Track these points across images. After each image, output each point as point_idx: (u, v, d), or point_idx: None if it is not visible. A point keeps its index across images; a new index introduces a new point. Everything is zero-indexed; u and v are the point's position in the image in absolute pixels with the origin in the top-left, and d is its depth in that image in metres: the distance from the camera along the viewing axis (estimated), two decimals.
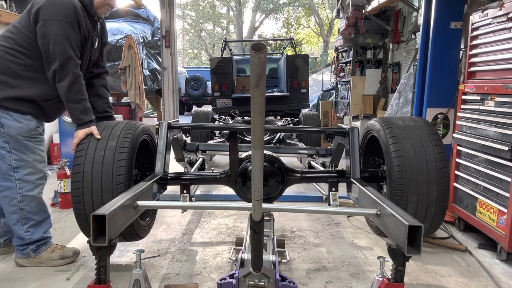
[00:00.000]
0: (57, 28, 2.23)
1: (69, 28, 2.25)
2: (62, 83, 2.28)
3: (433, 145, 2.31)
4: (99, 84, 2.70)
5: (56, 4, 2.25)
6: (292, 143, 4.99)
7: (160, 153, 2.58)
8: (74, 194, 2.17)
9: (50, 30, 2.23)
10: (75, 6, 2.27)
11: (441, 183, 2.24)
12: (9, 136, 2.37)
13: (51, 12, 2.23)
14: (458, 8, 3.90)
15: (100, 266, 1.58)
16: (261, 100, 1.10)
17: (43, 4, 2.24)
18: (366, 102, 8.17)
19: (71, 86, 2.29)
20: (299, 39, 30.35)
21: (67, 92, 2.30)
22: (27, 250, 2.53)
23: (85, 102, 2.37)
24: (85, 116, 2.35)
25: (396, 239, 1.60)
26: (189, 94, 15.90)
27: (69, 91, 2.30)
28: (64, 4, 2.25)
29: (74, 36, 2.29)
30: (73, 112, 2.37)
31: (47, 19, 2.23)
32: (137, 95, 6.53)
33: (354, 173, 2.48)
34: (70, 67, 2.27)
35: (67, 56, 2.27)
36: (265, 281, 1.85)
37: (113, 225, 1.61)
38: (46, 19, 2.23)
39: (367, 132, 2.74)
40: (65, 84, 2.28)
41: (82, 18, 2.32)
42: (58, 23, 2.23)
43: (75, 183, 2.17)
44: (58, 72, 2.28)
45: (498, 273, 2.56)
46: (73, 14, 2.26)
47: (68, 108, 2.38)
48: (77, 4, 2.30)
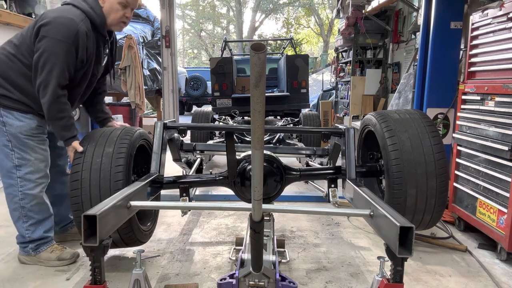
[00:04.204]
0: (53, 47, 2.27)
1: (65, 50, 2.28)
2: (43, 99, 2.33)
3: (429, 136, 2.30)
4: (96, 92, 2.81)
5: (60, 24, 2.28)
6: (292, 143, 4.99)
7: (155, 153, 2.57)
8: (74, 202, 2.18)
9: (46, 46, 2.27)
10: (79, 30, 2.30)
11: (439, 175, 2.24)
12: (11, 135, 2.42)
13: (54, 30, 2.27)
14: (458, 8, 3.90)
15: (94, 267, 1.57)
16: (261, 100, 1.10)
17: (49, 20, 2.28)
18: (366, 102, 8.15)
19: (51, 105, 2.32)
20: (299, 39, 30.33)
21: (48, 109, 2.34)
22: (27, 248, 2.56)
23: (65, 120, 2.39)
24: (66, 132, 2.40)
25: (388, 240, 1.59)
26: (189, 94, 15.88)
27: (49, 109, 2.33)
28: (68, 26, 2.28)
29: (68, 58, 2.31)
30: (54, 128, 2.43)
31: (48, 36, 2.27)
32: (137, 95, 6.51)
33: (349, 173, 2.46)
34: (52, 86, 2.29)
35: (53, 75, 2.28)
36: (265, 281, 1.85)
37: (105, 225, 1.60)
38: (47, 36, 2.27)
39: (364, 127, 2.74)
40: (46, 101, 2.32)
41: (84, 43, 2.35)
42: (56, 42, 2.26)
43: (74, 191, 2.18)
44: (41, 88, 2.31)
45: (498, 273, 2.56)
46: (73, 37, 2.29)
47: (49, 124, 2.44)
48: (82, 29, 2.31)
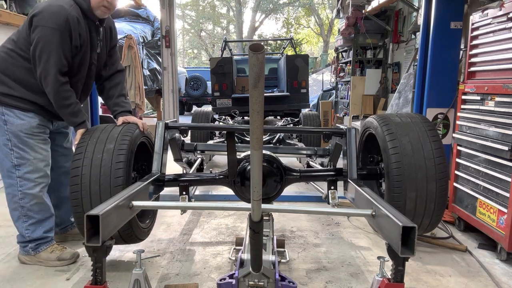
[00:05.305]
0: (47, 35, 2.28)
1: (59, 37, 2.29)
2: (47, 89, 2.36)
3: (430, 141, 2.31)
4: (108, 86, 2.77)
5: (51, 12, 2.30)
6: (292, 143, 4.98)
7: (157, 153, 2.58)
8: (73, 197, 2.17)
9: (40, 35, 2.29)
10: (68, 17, 2.30)
11: (439, 179, 2.24)
12: (12, 133, 2.43)
13: (45, 18, 2.29)
14: (458, 8, 3.90)
15: (96, 267, 1.57)
16: (260, 101, 1.10)
17: (40, 10, 2.31)
18: (366, 102, 8.16)
19: (56, 93, 2.34)
20: (299, 39, 30.32)
21: (54, 98, 2.37)
22: (27, 248, 2.56)
23: (72, 106, 2.41)
24: (75, 118, 2.43)
25: (390, 240, 1.59)
26: (189, 94, 15.88)
27: (55, 97, 2.36)
28: (58, 13, 2.30)
29: (63, 45, 2.32)
30: (63, 116, 2.46)
31: (40, 25, 2.29)
32: (137, 95, 6.52)
33: (351, 173, 2.47)
34: (52, 74, 2.31)
35: (51, 63, 2.30)
36: (265, 281, 1.85)
37: (107, 225, 1.60)
38: (39, 25, 2.29)
39: (365, 130, 2.74)
40: (50, 90, 2.35)
41: (76, 28, 2.35)
42: (49, 30, 2.28)
43: (74, 186, 2.17)
44: (43, 78, 2.34)
45: (498, 273, 2.56)
46: (64, 24, 2.30)
47: (58, 112, 2.45)
48: (72, 14, 2.32)
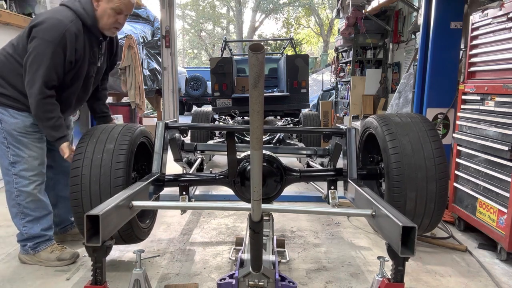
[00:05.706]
0: (41, 47, 2.28)
1: (52, 50, 2.28)
2: (30, 99, 2.35)
3: (430, 141, 2.31)
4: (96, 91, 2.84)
5: (50, 25, 2.30)
6: (292, 143, 4.98)
7: (157, 153, 2.58)
8: (73, 198, 2.17)
9: (35, 46, 2.29)
10: (66, 32, 2.30)
11: (439, 179, 2.24)
12: (6, 132, 2.45)
13: (43, 31, 2.29)
14: (458, 8, 3.90)
15: (96, 267, 1.57)
16: (260, 101, 1.10)
17: (40, 21, 2.31)
18: (366, 102, 8.15)
19: (37, 105, 2.33)
20: (299, 39, 30.32)
21: (34, 109, 2.35)
22: (26, 247, 2.57)
23: (54, 120, 2.38)
24: (55, 132, 2.40)
25: (390, 240, 1.59)
26: (189, 94, 15.88)
27: (36, 109, 2.35)
28: (56, 26, 2.29)
29: (55, 59, 2.31)
30: (43, 128, 2.44)
31: (37, 36, 2.30)
32: (137, 95, 6.51)
33: (351, 173, 2.47)
34: (37, 86, 2.30)
35: (39, 75, 2.29)
36: (265, 281, 1.85)
37: (107, 225, 1.60)
38: (36, 36, 2.30)
39: (365, 130, 2.74)
40: (32, 101, 2.34)
41: (73, 44, 2.34)
42: (44, 42, 2.28)
43: (74, 186, 2.17)
44: (28, 87, 2.33)
45: (498, 273, 2.56)
46: (60, 38, 2.29)
47: (38, 123, 2.44)
48: (71, 30, 2.32)
